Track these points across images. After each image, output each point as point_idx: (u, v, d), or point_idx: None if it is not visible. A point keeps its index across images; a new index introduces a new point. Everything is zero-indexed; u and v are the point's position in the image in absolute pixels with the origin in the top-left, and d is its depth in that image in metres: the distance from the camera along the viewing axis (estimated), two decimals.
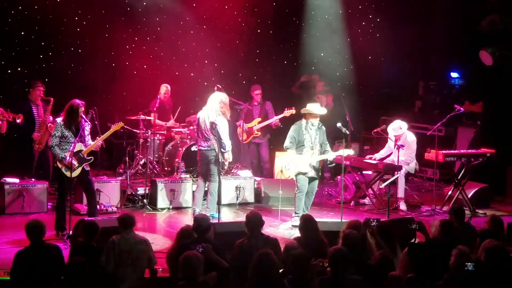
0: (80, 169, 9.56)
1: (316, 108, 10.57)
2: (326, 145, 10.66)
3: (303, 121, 10.53)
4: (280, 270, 6.59)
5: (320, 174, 10.80)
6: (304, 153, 10.36)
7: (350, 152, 10.60)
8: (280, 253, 7.26)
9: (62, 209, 9.64)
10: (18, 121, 11.35)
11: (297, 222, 10.26)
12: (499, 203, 12.19)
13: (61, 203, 9.68)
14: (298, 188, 10.47)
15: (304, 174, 10.39)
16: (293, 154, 10.40)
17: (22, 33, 12.98)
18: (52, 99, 11.68)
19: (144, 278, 7.30)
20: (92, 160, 9.74)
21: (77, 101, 9.59)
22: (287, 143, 10.48)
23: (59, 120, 9.59)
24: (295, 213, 10.48)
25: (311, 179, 10.54)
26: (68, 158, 9.35)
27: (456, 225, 7.88)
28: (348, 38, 14.87)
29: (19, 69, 12.99)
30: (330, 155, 10.50)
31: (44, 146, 11.68)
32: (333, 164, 10.95)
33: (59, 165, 9.52)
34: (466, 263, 6.06)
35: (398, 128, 11.62)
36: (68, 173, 9.41)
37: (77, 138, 9.44)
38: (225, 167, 10.76)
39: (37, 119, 11.71)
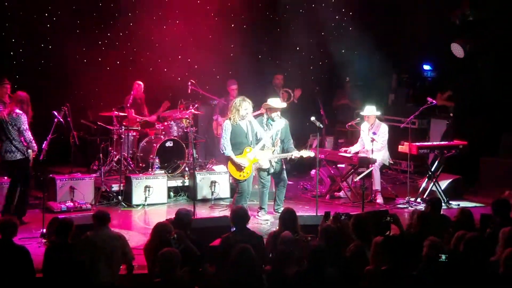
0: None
1: (276, 102, 10.60)
2: (289, 142, 10.66)
3: (264, 116, 10.57)
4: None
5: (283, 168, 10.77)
6: (265, 149, 10.32)
7: (310, 154, 10.57)
8: (264, 249, 7.28)
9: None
10: None
11: (266, 216, 10.37)
12: (473, 194, 12.28)
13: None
14: (262, 184, 10.53)
15: (265, 170, 10.41)
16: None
17: None
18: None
19: (119, 274, 7.28)
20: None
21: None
22: None
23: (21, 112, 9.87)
24: (261, 207, 10.55)
25: (277, 172, 10.57)
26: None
27: (432, 216, 7.95)
28: (322, 32, 14.90)
29: None
30: (294, 153, 10.47)
31: None
32: (294, 162, 10.90)
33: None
34: (440, 254, 6.13)
35: (365, 112, 11.69)
36: None
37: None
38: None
39: None
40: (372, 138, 11.23)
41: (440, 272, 6.08)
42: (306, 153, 10.54)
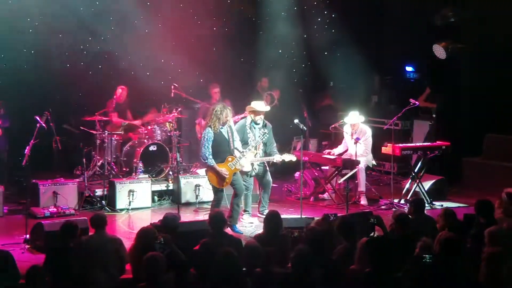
0: None
1: (259, 105, 10.59)
2: (272, 145, 10.63)
3: (247, 119, 10.55)
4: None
5: (266, 169, 10.76)
6: (248, 152, 10.17)
7: (292, 158, 10.51)
8: (243, 253, 7.27)
9: None
10: None
11: (250, 219, 10.35)
12: (456, 194, 12.36)
13: None
14: (245, 187, 10.42)
15: (247, 173, 10.39)
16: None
17: None
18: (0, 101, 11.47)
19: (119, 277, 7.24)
20: None
21: None
22: None
23: None
24: (245, 210, 10.52)
25: (261, 174, 10.56)
26: None
27: (416, 217, 7.98)
28: (304, 35, 14.93)
29: None
30: (276, 157, 10.43)
31: None
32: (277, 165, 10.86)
33: None
34: (424, 255, 6.15)
35: (349, 118, 11.72)
36: None
37: None
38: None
39: None
40: (356, 140, 11.25)
41: (424, 273, 6.09)
42: (288, 157, 10.51)
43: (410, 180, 11.84)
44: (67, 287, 6.52)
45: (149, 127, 12.64)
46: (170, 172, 12.24)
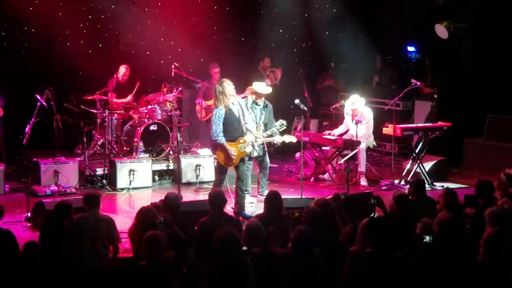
0: None
1: (261, 87, 10.52)
2: (272, 126, 10.59)
3: (248, 99, 10.47)
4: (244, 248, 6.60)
5: (265, 151, 10.74)
6: (261, 138, 10.11)
7: (292, 139, 10.42)
8: (242, 233, 7.26)
9: None
10: None
11: (250, 199, 10.32)
12: (456, 175, 12.37)
13: None
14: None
15: (248, 154, 10.33)
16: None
17: None
18: None
19: (107, 257, 7.24)
20: None
21: None
22: None
23: None
24: (245, 190, 10.49)
25: (259, 156, 10.53)
26: None
27: (416, 198, 7.97)
28: (305, 14, 14.85)
29: None
30: (276, 138, 10.33)
31: None
32: (278, 146, 10.77)
33: None
34: (424, 236, 6.15)
35: (350, 103, 11.69)
36: None
37: None
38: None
39: None
40: (357, 121, 11.23)
41: (424, 253, 6.09)
42: (289, 138, 10.43)
43: (411, 161, 11.84)
44: (58, 266, 6.53)
45: (150, 107, 12.60)
46: (171, 152, 12.22)
